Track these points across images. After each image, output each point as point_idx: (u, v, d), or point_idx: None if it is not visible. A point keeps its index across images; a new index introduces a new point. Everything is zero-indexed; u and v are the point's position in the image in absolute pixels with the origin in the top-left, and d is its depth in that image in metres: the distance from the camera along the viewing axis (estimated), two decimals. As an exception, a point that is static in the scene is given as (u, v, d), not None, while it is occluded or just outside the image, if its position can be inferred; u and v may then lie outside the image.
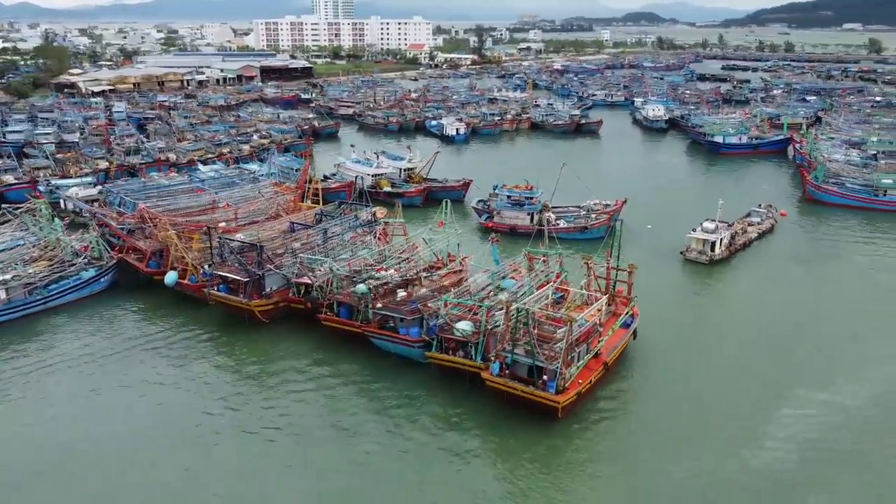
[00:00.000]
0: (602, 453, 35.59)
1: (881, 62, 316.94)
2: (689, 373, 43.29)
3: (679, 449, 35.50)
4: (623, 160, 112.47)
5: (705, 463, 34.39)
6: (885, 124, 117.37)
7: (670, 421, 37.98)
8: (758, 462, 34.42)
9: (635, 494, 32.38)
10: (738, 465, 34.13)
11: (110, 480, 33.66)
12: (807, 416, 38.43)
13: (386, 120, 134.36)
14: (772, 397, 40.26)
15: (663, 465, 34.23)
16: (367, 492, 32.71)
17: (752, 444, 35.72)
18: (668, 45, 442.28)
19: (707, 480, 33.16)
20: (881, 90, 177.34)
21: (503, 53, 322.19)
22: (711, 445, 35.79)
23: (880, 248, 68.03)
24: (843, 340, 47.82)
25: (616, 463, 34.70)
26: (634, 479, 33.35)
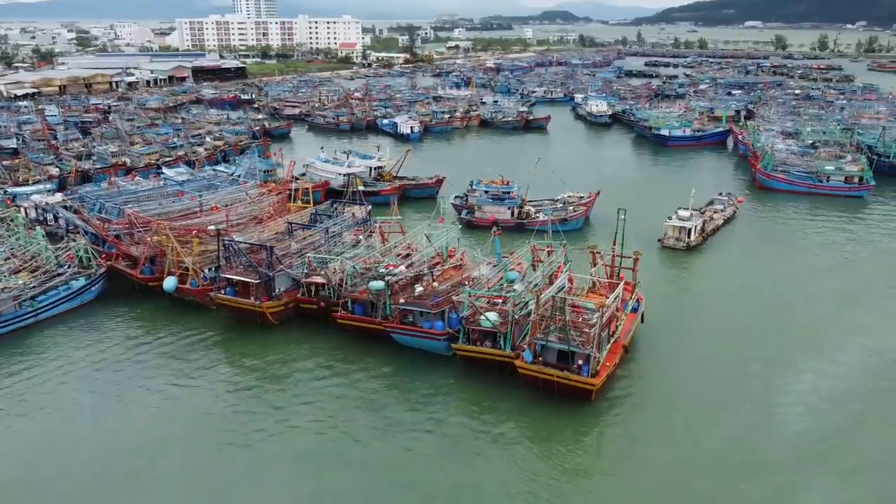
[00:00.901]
0: (632, 430, 37.20)
1: (788, 58, 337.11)
2: (694, 349, 45.84)
3: (705, 420, 37.70)
4: (576, 154, 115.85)
5: (731, 432, 36.70)
6: (812, 115, 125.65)
7: (690, 394, 40.20)
8: (780, 423, 37.12)
9: (673, 467, 34.09)
10: (764, 431, 36.68)
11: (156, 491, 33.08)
12: (810, 381, 41.57)
13: (336, 119, 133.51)
14: (775, 367, 43.29)
15: (694, 438, 36.28)
16: (416, 484, 33.12)
17: (770, 411, 38.45)
18: (589, 43, 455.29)
19: (737, 448, 35.42)
20: (798, 84, 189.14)
21: (434, 52, 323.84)
22: (733, 414, 38.19)
23: (831, 227, 73.24)
24: (822, 310, 51.95)
25: (648, 438, 36.35)
26: (670, 453, 35.10)
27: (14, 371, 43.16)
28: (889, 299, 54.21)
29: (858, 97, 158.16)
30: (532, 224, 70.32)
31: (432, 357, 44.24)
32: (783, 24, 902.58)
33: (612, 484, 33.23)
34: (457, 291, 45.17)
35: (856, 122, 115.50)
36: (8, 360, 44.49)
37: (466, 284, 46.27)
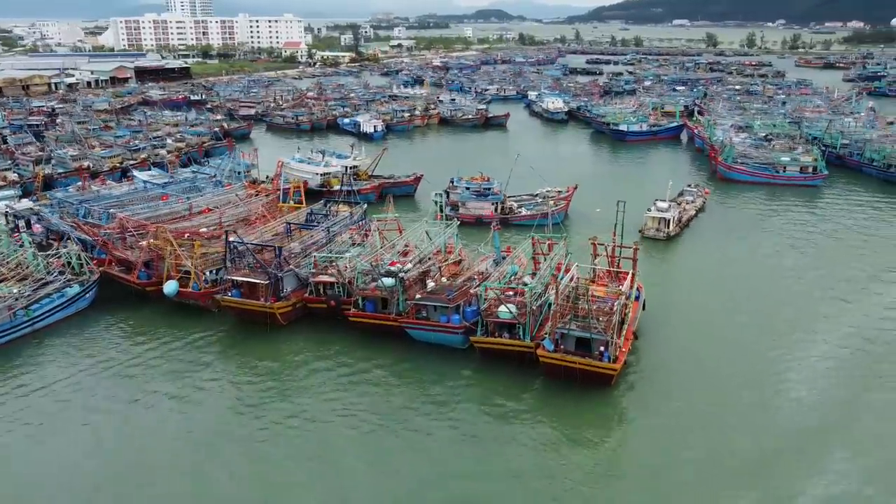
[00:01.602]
0: (650, 411, 38.75)
1: (720, 55, 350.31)
2: (692, 332, 47.99)
3: (717, 400, 39.64)
4: (539, 150, 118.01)
5: (741, 409, 38.76)
6: (758, 109, 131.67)
7: (697, 375, 42.11)
8: (787, 399, 39.49)
9: (693, 445, 35.80)
10: (773, 408, 38.95)
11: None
12: (806, 357, 44.26)
13: (296, 119, 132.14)
14: (771, 346, 45.84)
15: (710, 417, 38.08)
16: (450, 476, 33.72)
17: (775, 388, 40.79)
18: (529, 41, 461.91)
19: (751, 423, 37.50)
20: (737, 80, 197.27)
21: (379, 51, 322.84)
22: (740, 392, 40.28)
23: (794, 214, 77.29)
24: (802, 291, 55.34)
25: (666, 417, 37.97)
26: (688, 433, 36.68)
27: (13, 384, 41.73)
28: (857, 279, 57.81)
29: (794, 92, 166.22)
30: (516, 219, 72.05)
31: (446, 351, 44.95)
32: (709, 23, 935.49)
33: (640, 464, 34.66)
34: (467, 286, 46.11)
35: (800, 116, 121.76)
36: (6, 372, 42.99)
37: (475, 279, 47.43)
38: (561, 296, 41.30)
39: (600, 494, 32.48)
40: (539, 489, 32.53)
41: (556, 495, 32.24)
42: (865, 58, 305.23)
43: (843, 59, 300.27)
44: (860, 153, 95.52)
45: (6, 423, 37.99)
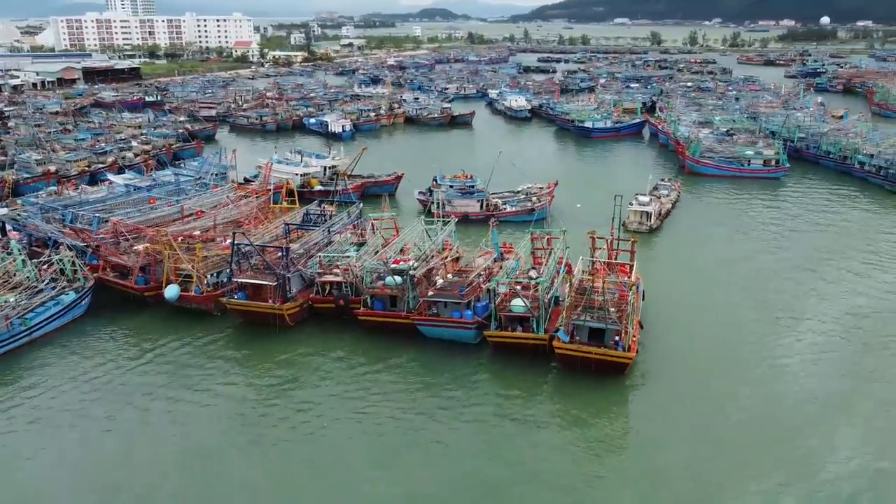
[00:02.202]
0: (664, 396, 40.24)
1: (665, 53, 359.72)
2: (690, 320, 49.67)
3: (725, 383, 41.33)
4: (507, 147, 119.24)
5: (749, 389, 40.55)
6: (714, 106, 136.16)
7: (701, 360, 43.69)
8: (791, 380, 41.52)
9: (709, 429, 37.22)
10: (779, 388, 40.88)
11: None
12: (802, 339, 46.57)
13: (260, 120, 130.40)
14: (768, 330, 48.04)
15: (720, 399, 39.72)
16: (485, 471, 34.20)
17: (778, 370, 42.79)
18: (478, 40, 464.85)
19: (761, 404, 39.32)
20: (688, 77, 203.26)
21: (331, 50, 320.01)
22: (746, 374, 42.12)
23: (762, 205, 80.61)
24: (786, 277, 57.99)
25: (680, 401, 39.37)
26: (702, 415, 38.24)
27: (16, 396, 40.40)
28: (831, 262, 61.20)
29: (744, 88, 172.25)
30: (501, 215, 73.00)
31: (456, 346, 45.45)
32: (649, 21, 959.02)
33: (663, 447, 36.03)
34: (476, 281, 46.86)
35: (755, 111, 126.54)
36: (7, 385, 41.60)
37: (482, 275, 48.21)
38: (574, 288, 42.45)
39: (626, 490, 33.43)
40: (564, 485, 33.22)
41: (579, 489, 33.25)
42: (802, 55, 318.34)
43: (783, 56, 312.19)
44: (816, 146, 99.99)
45: (10, 436, 36.88)
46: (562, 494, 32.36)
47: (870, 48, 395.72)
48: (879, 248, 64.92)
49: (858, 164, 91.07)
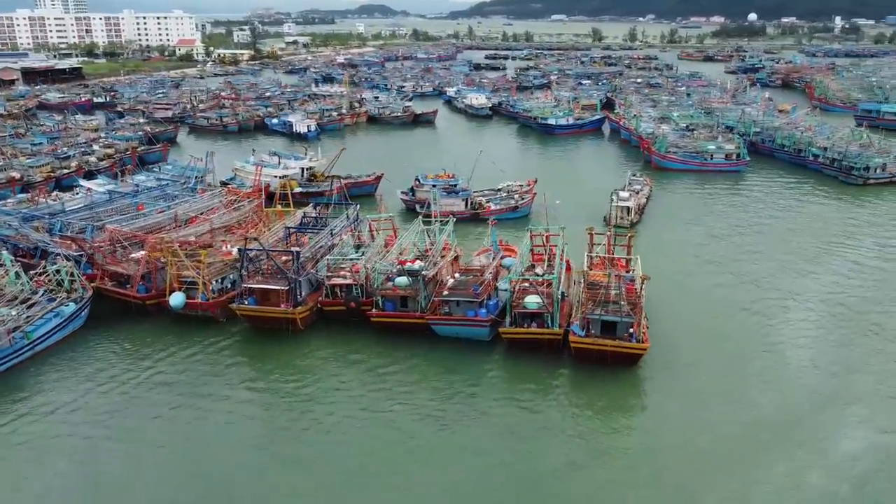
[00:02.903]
0: (675, 383, 42.00)
1: (607, 49, 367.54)
2: (686, 307, 51.87)
3: (730, 369, 43.45)
4: (472, 145, 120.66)
5: (753, 371, 42.86)
6: (669, 102, 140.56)
7: (706, 349, 45.78)
8: (790, 361, 44.04)
9: (722, 411, 39.21)
10: (781, 370, 43.31)
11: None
12: (793, 323, 49.28)
13: (221, 121, 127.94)
14: (761, 314, 50.78)
15: (727, 382, 41.88)
16: (516, 465, 35.23)
17: (777, 354, 45.24)
18: (423, 37, 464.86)
19: (767, 385, 41.54)
20: (637, 73, 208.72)
21: (277, 48, 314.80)
22: (748, 357, 44.43)
23: (729, 196, 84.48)
24: (767, 263, 61.36)
25: (690, 386, 41.37)
26: (714, 400, 40.16)
27: (26, 414, 39.22)
28: (808, 251, 64.79)
29: (691, 84, 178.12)
30: (485, 214, 74.14)
31: (469, 344, 46.27)
32: (585, 18, 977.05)
33: (681, 429, 37.84)
34: (485, 279, 47.84)
35: (708, 107, 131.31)
36: (14, 403, 40.29)
37: (490, 273, 49.21)
38: (586, 284, 43.93)
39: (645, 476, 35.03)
40: (587, 477, 34.58)
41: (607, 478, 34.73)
42: (737, 51, 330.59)
43: (721, 52, 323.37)
44: (772, 140, 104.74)
45: (22, 458, 35.89)
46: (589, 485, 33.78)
47: (798, 44, 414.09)
48: (845, 233, 69.60)
49: (813, 157, 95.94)
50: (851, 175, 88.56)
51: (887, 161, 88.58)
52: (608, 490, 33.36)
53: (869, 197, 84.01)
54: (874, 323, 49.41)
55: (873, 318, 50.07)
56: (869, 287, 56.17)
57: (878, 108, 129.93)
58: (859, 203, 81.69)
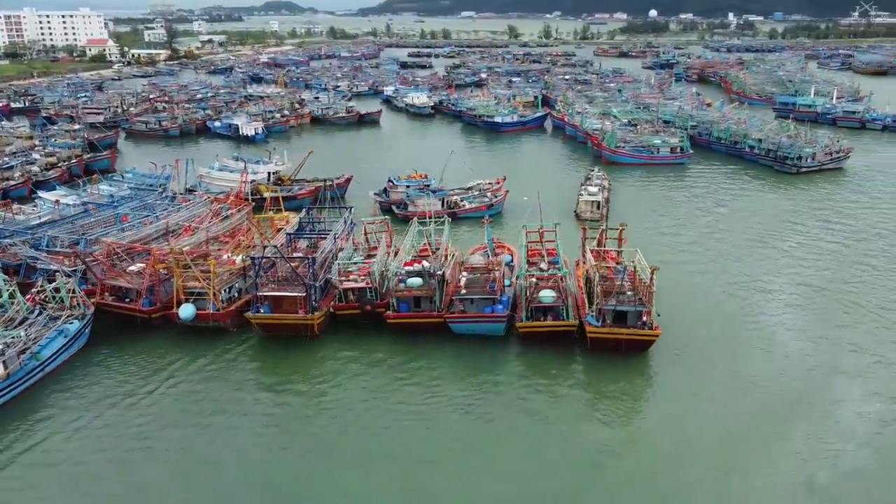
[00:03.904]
0: (684, 368, 45.23)
1: (525, 46, 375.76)
2: (674, 295, 55.01)
3: (730, 352, 46.83)
4: (421, 145, 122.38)
5: (749, 351, 46.45)
6: (604, 98, 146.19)
7: (704, 333, 49.13)
8: (783, 340, 48.01)
9: (732, 391, 42.32)
10: (779, 350, 47.18)
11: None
12: (777, 307, 53.48)
13: (160, 124, 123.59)
14: (748, 298, 54.88)
15: (730, 365, 45.14)
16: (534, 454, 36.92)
17: (770, 336, 49.10)
18: (341, 35, 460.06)
19: (769, 365, 45.26)
20: (563, 70, 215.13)
21: (194, 47, 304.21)
22: (744, 339, 48.01)
23: (682, 187, 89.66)
24: (740, 250, 65.73)
25: (696, 367, 44.43)
26: (712, 381, 43.22)
27: (43, 441, 37.61)
28: (763, 234, 70.24)
29: (618, 80, 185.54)
30: (461, 212, 75.78)
31: (484, 340, 47.76)
32: (493, 14, 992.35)
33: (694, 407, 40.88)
34: (496, 276, 49.55)
35: (642, 102, 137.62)
36: (30, 431, 38.54)
37: (497, 270, 50.94)
38: (599, 276, 46.41)
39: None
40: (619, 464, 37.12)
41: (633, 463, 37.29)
42: (648, 47, 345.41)
43: (635, 48, 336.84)
44: (708, 133, 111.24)
45: (45, 490, 34.83)
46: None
47: (701, 40, 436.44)
48: (793, 216, 76.14)
49: (748, 148, 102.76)
50: (786, 164, 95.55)
51: (816, 151, 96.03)
52: (645, 467, 35.65)
53: (804, 184, 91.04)
54: (846, 298, 54.48)
55: (844, 293, 55.25)
56: (828, 264, 61.91)
57: (794, 101, 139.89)
58: (797, 189, 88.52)
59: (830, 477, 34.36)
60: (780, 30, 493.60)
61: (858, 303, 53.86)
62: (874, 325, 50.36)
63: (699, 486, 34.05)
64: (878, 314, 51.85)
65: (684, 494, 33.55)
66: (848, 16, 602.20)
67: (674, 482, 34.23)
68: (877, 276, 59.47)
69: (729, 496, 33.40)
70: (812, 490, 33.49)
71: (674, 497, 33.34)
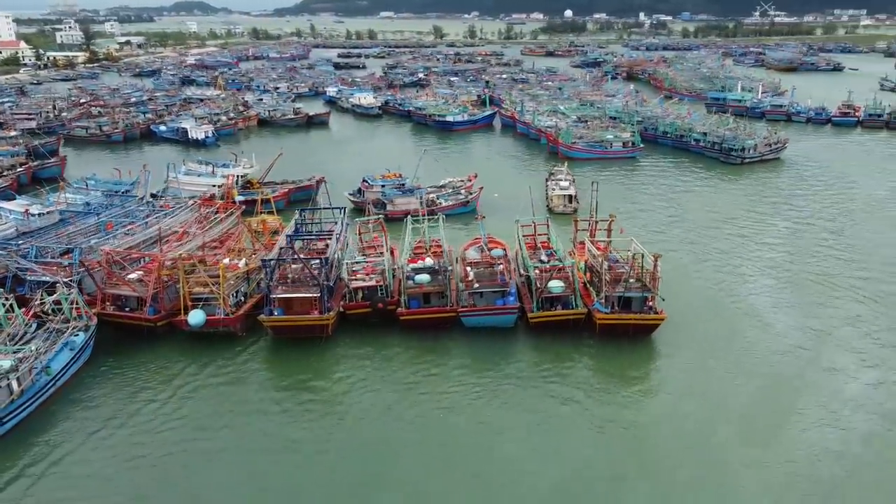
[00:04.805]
0: (688, 350, 47.90)
1: (452, 46, 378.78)
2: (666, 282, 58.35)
3: (727, 331, 49.96)
4: (374, 145, 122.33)
5: (740, 328, 49.71)
6: (548, 96, 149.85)
7: (697, 316, 52.14)
8: (776, 320, 51.42)
9: (723, 371, 45.43)
10: (772, 332, 50.55)
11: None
12: (761, 289, 57.07)
13: (100, 129, 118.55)
14: (720, 275, 58.78)
15: (728, 345, 48.24)
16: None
17: (761, 319, 52.57)
18: (264, 35, 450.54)
19: (760, 339, 48.48)
20: (498, 69, 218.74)
21: (113, 49, 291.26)
22: (736, 320, 51.26)
23: (640, 179, 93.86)
24: (708, 232, 69.99)
25: (700, 346, 47.31)
26: (710, 360, 46.16)
27: (65, 457, 36.41)
28: (725, 219, 74.80)
29: (554, 78, 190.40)
30: (439, 210, 76.66)
31: (494, 332, 48.98)
32: (412, 15, 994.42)
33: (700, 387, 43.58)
34: (503, 270, 50.93)
35: (586, 99, 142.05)
36: (50, 447, 37.22)
37: (501, 265, 52.33)
38: (609, 265, 48.55)
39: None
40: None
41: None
42: (572, 46, 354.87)
43: (560, 47, 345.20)
44: (655, 128, 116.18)
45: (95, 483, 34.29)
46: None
47: (619, 39, 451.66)
48: (747, 203, 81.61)
49: (694, 141, 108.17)
50: (731, 156, 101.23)
51: (757, 142, 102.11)
52: (679, 439, 37.86)
53: (748, 173, 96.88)
54: (814, 273, 59.05)
55: (811, 269, 60.01)
56: (789, 245, 67.04)
57: (725, 97, 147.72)
58: (745, 179, 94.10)
59: (843, 442, 37.41)
60: (691, 29, 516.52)
61: (826, 276, 58.50)
62: (847, 295, 55.00)
63: (736, 450, 36.43)
64: (848, 286, 56.56)
65: (721, 461, 35.86)
66: (750, 16, 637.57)
67: (707, 451, 36.57)
68: (834, 252, 64.90)
69: (766, 458, 35.89)
70: (828, 456, 36.38)
71: (714, 463, 35.58)
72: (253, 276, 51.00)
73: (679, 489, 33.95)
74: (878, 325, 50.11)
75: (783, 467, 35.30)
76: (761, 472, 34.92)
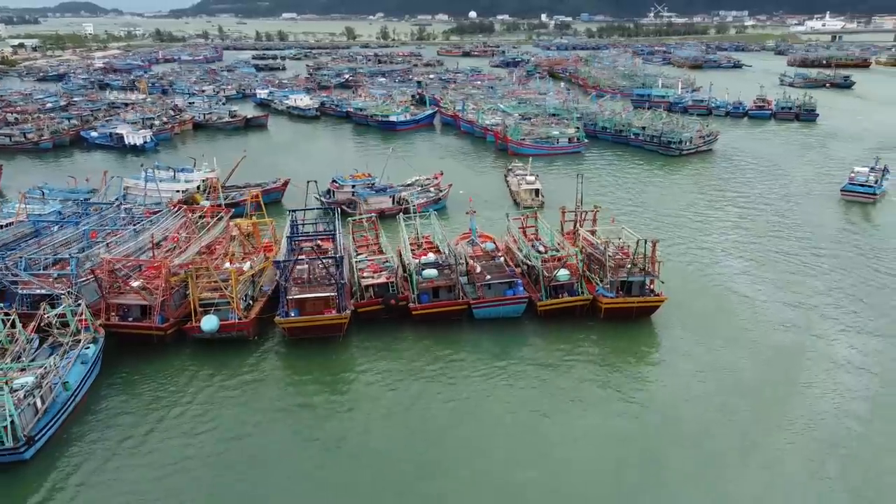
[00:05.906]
0: (679, 327, 50.86)
1: (367, 47, 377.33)
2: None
3: (721, 311, 53.49)
4: (321, 146, 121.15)
5: (742, 311, 53.46)
6: (484, 95, 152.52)
7: (689, 297, 55.43)
8: (765, 302, 55.35)
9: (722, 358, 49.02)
10: (763, 315, 54.42)
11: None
12: (747, 274, 61.04)
13: (25, 137, 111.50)
14: (691, 255, 63.00)
15: (721, 324, 51.66)
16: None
17: (752, 307, 56.43)
18: (168, 38, 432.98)
19: (758, 318, 52.25)
20: (425, 70, 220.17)
21: (8, 52, 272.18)
22: (726, 304, 54.96)
23: (588, 171, 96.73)
24: (673, 219, 73.78)
25: (696, 324, 50.43)
26: (712, 339, 49.62)
27: (90, 476, 35.16)
28: (678, 207, 79.66)
29: (480, 78, 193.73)
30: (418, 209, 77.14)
31: (502, 322, 50.42)
32: (315, 16, 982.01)
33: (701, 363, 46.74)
34: (511, 262, 52.47)
35: (519, 98, 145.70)
36: (75, 465, 35.82)
37: (502, 256, 53.85)
38: (612, 252, 50.99)
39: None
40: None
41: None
42: (486, 45, 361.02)
43: (476, 48, 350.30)
44: (594, 124, 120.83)
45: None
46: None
47: (529, 39, 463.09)
48: (694, 190, 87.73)
49: (634, 135, 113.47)
50: (670, 148, 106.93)
51: (692, 135, 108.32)
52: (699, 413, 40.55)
53: (687, 164, 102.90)
54: (777, 252, 64.11)
55: (773, 249, 65.12)
56: (745, 225, 73.02)
57: (649, 93, 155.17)
58: (685, 169, 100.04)
59: (844, 406, 41.17)
60: (594, 29, 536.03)
61: (787, 254, 63.76)
62: (810, 269, 60.32)
63: (757, 421, 39.37)
64: (809, 261, 61.94)
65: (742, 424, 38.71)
66: (645, 16, 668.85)
67: (732, 425, 39.38)
68: (786, 231, 70.92)
69: (788, 417, 39.01)
70: (841, 416, 40.03)
71: (741, 435, 38.33)
72: (256, 278, 50.25)
73: (715, 460, 36.41)
74: (847, 293, 55.05)
75: (806, 431, 38.49)
76: (786, 435, 37.99)
